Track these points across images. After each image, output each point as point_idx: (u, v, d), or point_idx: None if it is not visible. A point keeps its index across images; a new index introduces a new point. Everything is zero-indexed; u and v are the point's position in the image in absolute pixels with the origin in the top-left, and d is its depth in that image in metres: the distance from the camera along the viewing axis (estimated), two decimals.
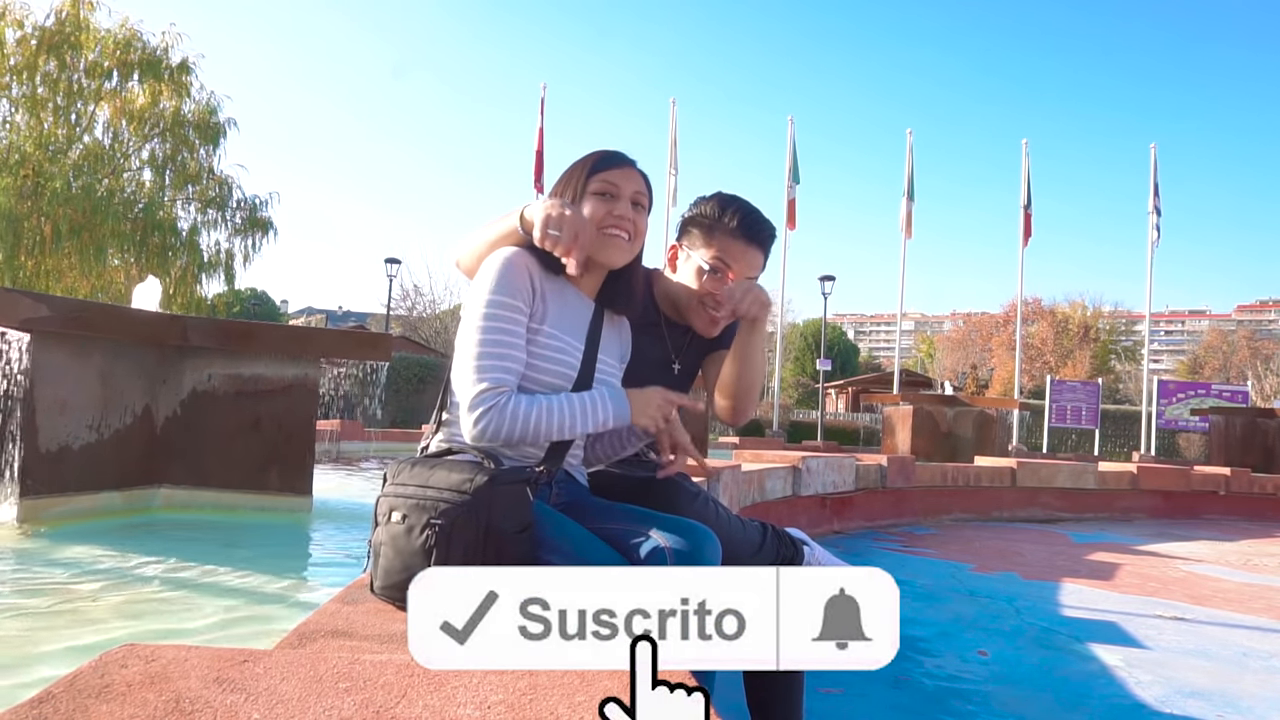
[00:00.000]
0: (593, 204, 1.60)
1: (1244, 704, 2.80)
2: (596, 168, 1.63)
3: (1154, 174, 21.13)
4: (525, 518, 1.32)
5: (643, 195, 1.64)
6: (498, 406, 1.42)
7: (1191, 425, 22.84)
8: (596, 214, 1.59)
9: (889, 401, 14.39)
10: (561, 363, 1.55)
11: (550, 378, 1.53)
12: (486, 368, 1.44)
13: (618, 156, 1.66)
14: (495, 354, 1.45)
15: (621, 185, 1.62)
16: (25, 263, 16.91)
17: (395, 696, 0.80)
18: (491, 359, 1.44)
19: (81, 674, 0.80)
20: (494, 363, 1.44)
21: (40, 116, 17.97)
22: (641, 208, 1.64)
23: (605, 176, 1.62)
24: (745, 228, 1.87)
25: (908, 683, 2.87)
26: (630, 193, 1.62)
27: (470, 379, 1.44)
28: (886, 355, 77.99)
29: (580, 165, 1.65)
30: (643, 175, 1.67)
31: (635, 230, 1.62)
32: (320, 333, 5.89)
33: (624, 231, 1.60)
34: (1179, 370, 60.09)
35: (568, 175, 1.66)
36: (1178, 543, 7.35)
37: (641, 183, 1.65)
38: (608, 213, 1.59)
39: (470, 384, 1.44)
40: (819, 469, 6.28)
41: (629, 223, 1.61)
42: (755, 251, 1.89)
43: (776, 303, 25.96)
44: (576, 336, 1.60)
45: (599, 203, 1.60)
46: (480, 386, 1.43)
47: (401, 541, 1.28)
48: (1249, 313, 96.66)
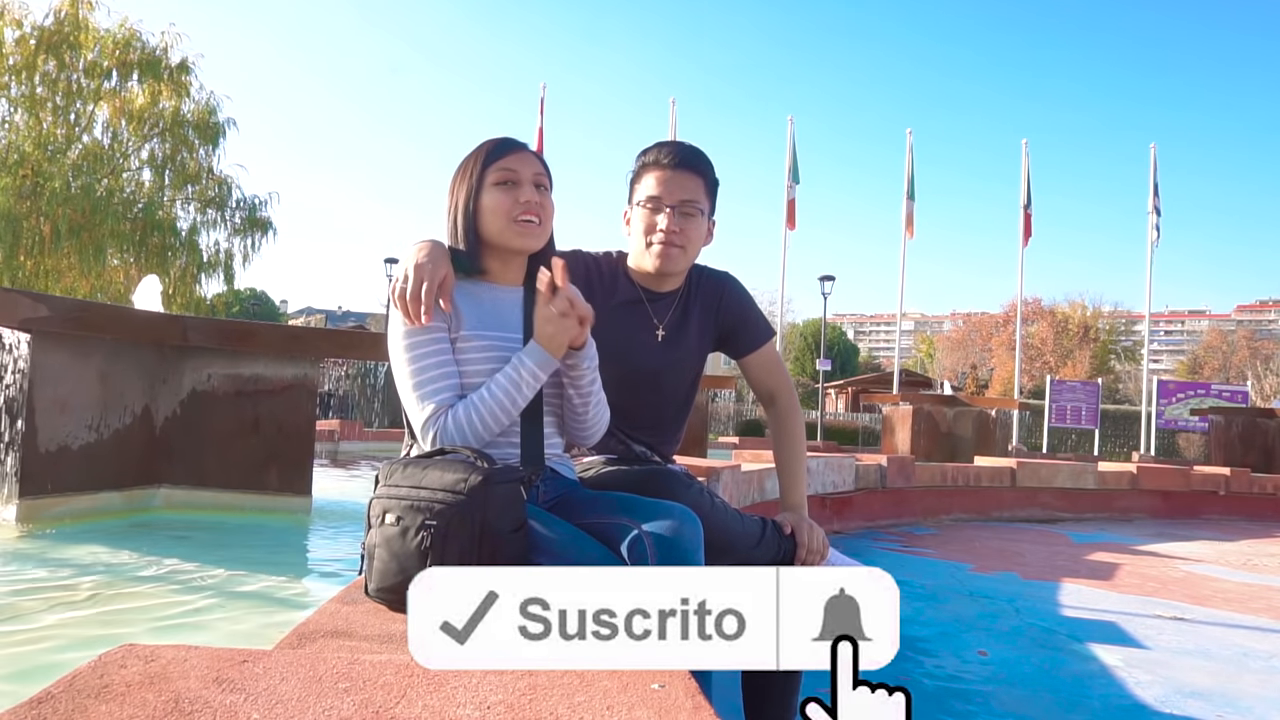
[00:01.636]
0: (495, 195, 1.59)
1: (1244, 704, 2.80)
2: (491, 157, 1.62)
3: (1154, 174, 21.15)
4: (520, 517, 1.32)
5: (542, 176, 1.64)
6: (440, 426, 1.49)
7: (1191, 425, 22.85)
8: (503, 205, 1.59)
9: (889, 401, 14.39)
10: (493, 360, 1.55)
11: (487, 377, 1.54)
12: (423, 395, 1.51)
13: (509, 142, 1.66)
14: (426, 379, 1.51)
15: (520, 170, 1.61)
16: (24, 263, 16.91)
17: (395, 696, 0.80)
18: (424, 385, 1.51)
19: (80, 674, 0.80)
20: (428, 388, 1.51)
21: (39, 116, 17.97)
22: (544, 188, 1.64)
23: (502, 164, 1.61)
24: (668, 154, 1.88)
25: (908, 683, 2.86)
26: (530, 176, 1.61)
27: (414, 410, 1.51)
28: (886, 355, 78.00)
29: (473, 157, 1.64)
30: (538, 157, 1.67)
31: (544, 213, 1.62)
32: (320, 333, 5.89)
33: (534, 216, 1.60)
34: (1179, 370, 60.12)
35: (462, 170, 1.65)
36: (1178, 543, 7.35)
37: (538, 164, 1.65)
38: (514, 201, 1.59)
39: (416, 415, 1.51)
40: (819, 469, 6.28)
41: (536, 206, 1.60)
42: (684, 174, 1.86)
43: (776, 303, 25.97)
44: (509, 328, 1.60)
45: (502, 193, 1.59)
46: (424, 415, 1.50)
47: (396, 544, 1.27)
48: (1249, 313, 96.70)
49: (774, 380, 2.03)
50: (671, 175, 1.86)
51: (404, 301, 1.52)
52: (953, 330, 66.51)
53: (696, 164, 1.89)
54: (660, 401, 1.98)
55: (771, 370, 2.03)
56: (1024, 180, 21.19)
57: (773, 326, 2.15)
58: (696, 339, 1.98)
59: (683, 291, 1.97)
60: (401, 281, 1.52)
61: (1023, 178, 21.23)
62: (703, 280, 2.00)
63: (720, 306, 1.99)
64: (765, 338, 2.04)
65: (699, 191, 1.88)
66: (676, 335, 1.97)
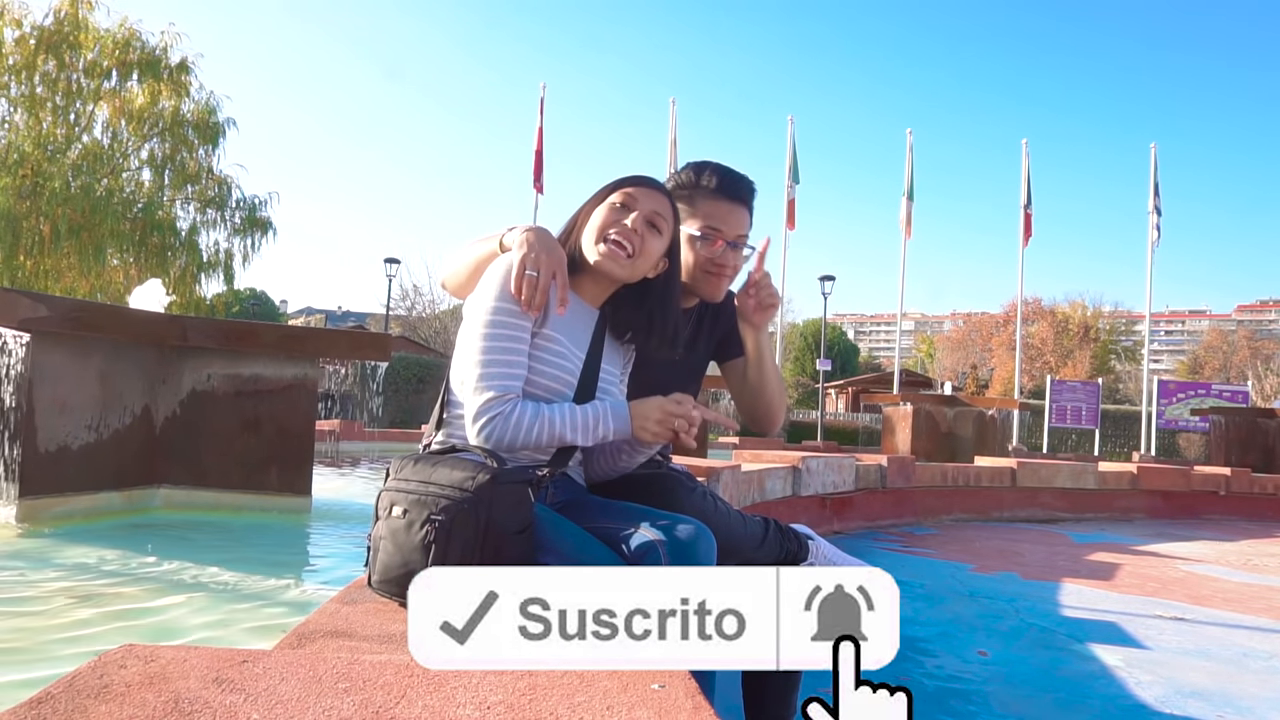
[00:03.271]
0: (605, 213, 1.58)
1: (1244, 704, 2.80)
2: (622, 183, 1.61)
3: (1154, 174, 21.13)
4: (526, 518, 1.32)
5: (660, 217, 1.59)
6: (503, 415, 1.44)
7: (1191, 425, 22.84)
8: (604, 222, 1.56)
9: (889, 401, 14.38)
10: (561, 367, 1.54)
11: (549, 381, 1.53)
12: (492, 374, 1.45)
13: (645, 178, 1.63)
14: (500, 361, 1.46)
15: (640, 200, 1.58)
16: (24, 263, 16.91)
17: (395, 697, 0.80)
18: (497, 366, 1.46)
19: (80, 674, 0.80)
20: (499, 369, 1.45)
21: (39, 116, 17.97)
22: (656, 230, 1.58)
23: (627, 189, 1.59)
24: (725, 186, 1.86)
25: (908, 683, 2.86)
26: (647, 210, 1.57)
27: (476, 386, 1.45)
28: (886, 355, 78.01)
29: (611, 183, 1.63)
30: (671, 201, 1.63)
31: (640, 248, 1.56)
32: (319, 333, 5.90)
33: (626, 242, 1.55)
34: (1179, 370, 60.13)
35: (598, 192, 1.63)
36: (1178, 543, 7.35)
37: (664, 204, 1.60)
38: (614, 222, 1.56)
39: (476, 391, 1.45)
40: (819, 469, 6.28)
41: (635, 237, 1.55)
42: (739, 208, 1.87)
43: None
44: (578, 344, 1.59)
45: (611, 212, 1.57)
46: (487, 395, 1.44)
47: (401, 536, 1.28)
48: (1249, 313, 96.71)
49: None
50: (730, 208, 1.86)
51: (524, 284, 1.46)
52: (953, 330, 66.52)
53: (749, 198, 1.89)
54: None
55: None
56: (1024, 180, 21.18)
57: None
58: (704, 349, 2.01)
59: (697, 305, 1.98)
60: (529, 265, 1.47)
61: (1023, 178, 21.23)
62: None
63: (721, 313, 1.99)
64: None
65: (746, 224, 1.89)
66: (695, 358, 1.99)
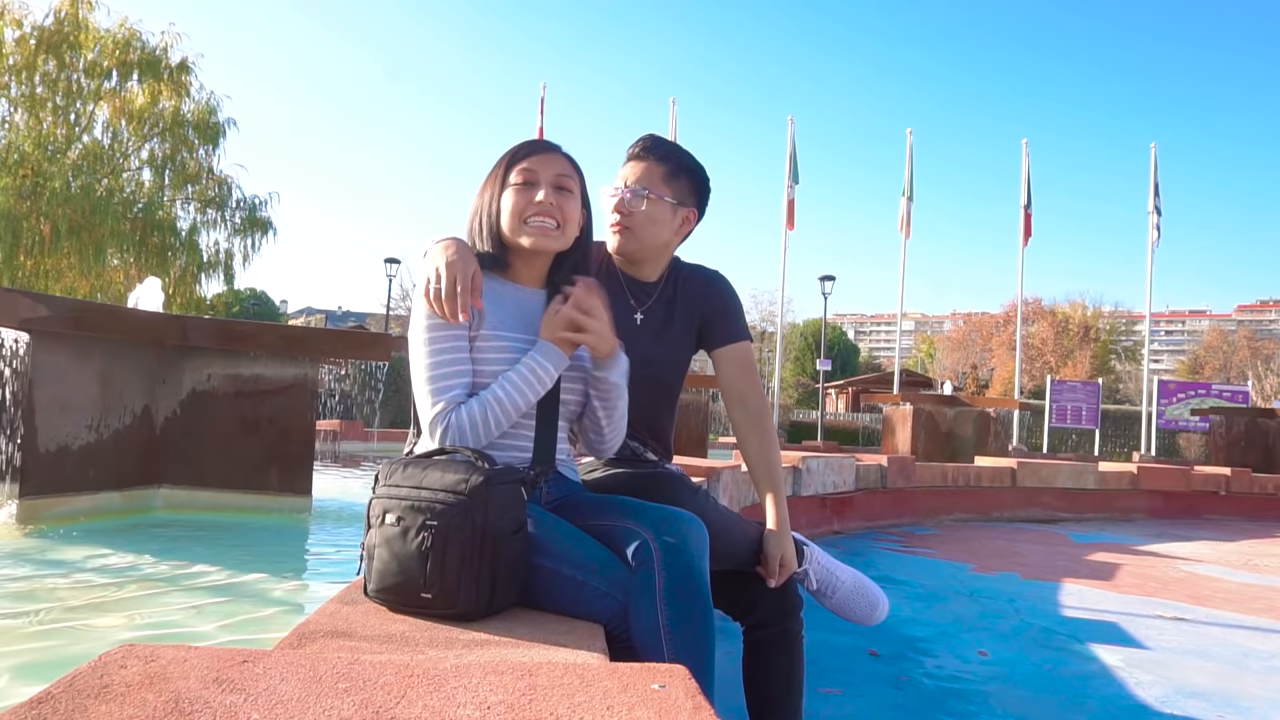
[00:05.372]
0: (513, 196, 1.58)
1: (1244, 704, 2.80)
2: (515, 158, 1.61)
3: (1154, 174, 21.12)
4: (521, 518, 1.32)
5: (567, 178, 1.61)
6: (451, 423, 1.49)
7: (1192, 425, 22.83)
8: (517, 205, 1.58)
9: (889, 401, 14.37)
10: (510, 360, 1.54)
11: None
12: (436, 390, 1.50)
13: (534, 144, 1.64)
14: (439, 375, 1.50)
15: (541, 170, 1.59)
16: (24, 263, 16.90)
17: (395, 697, 0.80)
18: (438, 380, 1.50)
19: (80, 674, 0.80)
20: (441, 384, 1.50)
21: (39, 116, 17.95)
22: (567, 191, 1.61)
23: (524, 165, 1.60)
24: (635, 146, 1.97)
25: (908, 683, 2.87)
26: (551, 177, 1.59)
27: (426, 404, 1.51)
28: (886, 355, 77.99)
29: (498, 163, 1.64)
30: (567, 158, 1.65)
31: (564, 215, 1.59)
32: (320, 333, 5.89)
33: (549, 218, 1.58)
34: (1179, 370, 60.08)
35: (487, 178, 1.65)
36: (1178, 543, 7.35)
37: (565, 164, 1.63)
38: (528, 202, 1.58)
39: (426, 409, 1.51)
40: (819, 469, 6.28)
41: (554, 208, 1.58)
42: (640, 163, 1.95)
43: (776, 303, 25.98)
44: (530, 330, 1.59)
45: (519, 193, 1.58)
46: (434, 411, 1.50)
47: (397, 544, 1.26)
48: (1249, 313, 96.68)
49: (746, 380, 2.00)
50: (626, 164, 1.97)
51: (438, 301, 1.50)
52: (953, 330, 66.46)
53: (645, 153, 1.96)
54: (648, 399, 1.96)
55: (745, 370, 2.00)
56: (1024, 180, 21.17)
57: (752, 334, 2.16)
58: (682, 333, 1.99)
59: (664, 284, 1.99)
60: (435, 280, 1.51)
61: (1023, 177, 21.22)
62: (688, 276, 2.01)
63: (704, 298, 2.00)
64: (742, 337, 2.02)
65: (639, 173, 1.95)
66: (662, 328, 1.97)
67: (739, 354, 2.00)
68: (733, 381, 1.99)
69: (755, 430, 1.96)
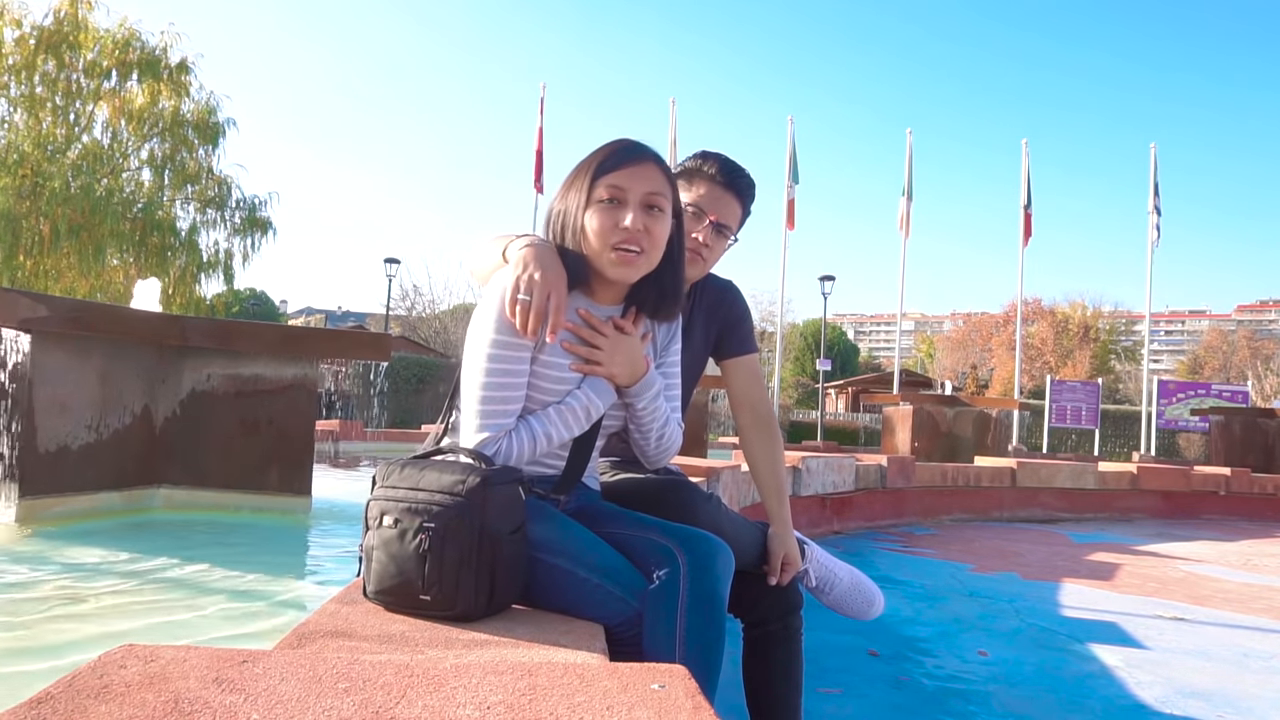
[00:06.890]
0: (598, 216, 1.45)
1: (1244, 704, 2.80)
2: (601, 169, 1.47)
3: (1154, 174, 21.10)
4: (519, 518, 1.31)
5: (658, 196, 1.47)
6: (500, 451, 1.43)
7: (1191, 425, 22.82)
8: (603, 227, 1.45)
9: (889, 401, 14.37)
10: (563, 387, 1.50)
11: (552, 399, 1.50)
12: (486, 412, 1.43)
13: (625, 152, 1.49)
14: (495, 398, 1.43)
15: (629, 188, 1.45)
16: (24, 262, 16.90)
17: (394, 697, 0.80)
18: (491, 404, 1.43)
19: (80, 674, 0.80)
20: (493, 408, 1.43)
21: (39, 116, 17.95)
22: (658, 210, 1.47)
23: (611, 180, 1.46)
24: (722, 173, 1.95)
25: (908, 683, 2.87)
26: (641, 195, 1.46)
27: (473, 424, 1.44)
28: (886, 355, 77.98)
29: (585, 167, 1.50)
30: (660, 167, 1.49)
31: (650, 241, 1.46)
32: (319, 333, 5.89)
33: (635, 246, 1.45)
34: (1179, 370, 60.09)
35: (571, 180, 1.52)
36: (1178, 543, 7.34)
37: (657, 179, 1.48)
38: (614, 225, 1.45)
39: (473, 430, 1.44)
40: (819, 469, 6.28)
41: (641, 235, 1.45)
42: (731, 198, 1.95)
43: (776, 303, 25.98)
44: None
45: (604, 213, 1.45)
46: (480, 437, 1.43)
47: (394, 546, 1.25)
48: (1249, 313, 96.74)
49: (756, 389, 2.05)
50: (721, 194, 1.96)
51: (523, 313, 1.40)
52: (953, 330, 66.50)
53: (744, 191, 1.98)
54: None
55: (755, 380, 2.06)
56: (1024, 180, 21.14)
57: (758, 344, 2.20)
58: (701, 342, 2.02)
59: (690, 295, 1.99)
60: (523, 291, 1.40)
61: (1023, 177, 21.19)
62: (705, 285, 2.03)
63: (721, 308, 2.02)
64: (753, 349, 2.07)
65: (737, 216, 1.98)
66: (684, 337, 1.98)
67: (750, 364, 2.05)
68: (744, 391, 2.03)
69: (763, 435, 2.00)
